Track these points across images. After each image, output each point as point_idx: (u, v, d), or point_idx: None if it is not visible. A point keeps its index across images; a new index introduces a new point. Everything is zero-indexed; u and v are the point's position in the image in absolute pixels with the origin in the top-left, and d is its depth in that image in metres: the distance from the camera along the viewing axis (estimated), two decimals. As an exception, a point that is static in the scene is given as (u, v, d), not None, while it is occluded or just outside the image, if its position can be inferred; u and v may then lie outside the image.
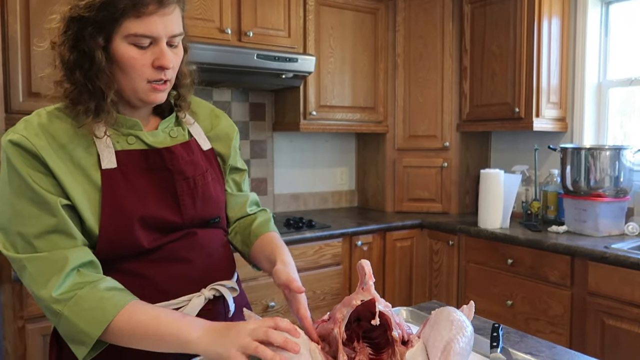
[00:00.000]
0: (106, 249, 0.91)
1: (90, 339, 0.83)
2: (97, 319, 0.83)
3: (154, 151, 0.97)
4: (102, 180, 0.91)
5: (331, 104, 2.81)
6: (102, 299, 0.84)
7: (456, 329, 0.82)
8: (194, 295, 0.99)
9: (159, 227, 0.96)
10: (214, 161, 1.09)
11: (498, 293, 2.44)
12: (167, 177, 0.97)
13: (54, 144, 0.89)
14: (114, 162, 0.93)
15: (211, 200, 1.04)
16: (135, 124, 0.98)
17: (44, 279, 0.84)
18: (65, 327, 0.84)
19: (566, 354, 1.04)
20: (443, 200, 3.05)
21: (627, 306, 1.94)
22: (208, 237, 1.04)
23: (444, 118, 3.00)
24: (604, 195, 2.31)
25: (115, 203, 0.91)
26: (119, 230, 0.91)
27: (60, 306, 0.83)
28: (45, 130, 0.90)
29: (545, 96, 2.62)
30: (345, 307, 0.85)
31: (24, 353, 1.76)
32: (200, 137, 1.07)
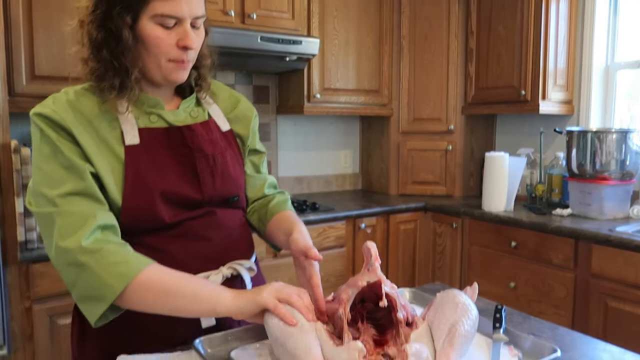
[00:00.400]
0: (129, 221, 0.94)
1: (112, 293, 0.84)
2: (122, 273, 0.84)
3: (175, 129, 1.01)
4: (126, 156, 0.94)
5: (335, 86, 2.79)
6: (128, 255, 0.87)
7: (461, 311, 0.83)
8: (211, 273, 1.02)
9: (179, 203, 0.98)
10: (233, 142, 1.11)
11: (501, 275, 2.45)
12: (188, 154, 1.00)
13: (81, 119, 0.93)
14: (137, 139, 0.96)
15: (230, 179, 1.06)
16: (157, 102, 1.01)
17: (72, 230, 0.86)
18: (88, 280, 0.85)
19: (568, 334, 1.05)
20: (447, 183, 3.04)
21: (631, 288, 1.94)
22: (227, 217, 1.06)
23: (449, 101, 2.98)
24: (609, 178, 2.29)
25: (138, 178, 0.94)
26: (141, 204, 0.94)
27: (87, 257, 0.84)
28: (72, 105, 0.94)
29: (551, 79, 2.60)
30: (350, 288, 0.85)
31: (32, 333, 1.78)
32: (219, 118, 1.10)
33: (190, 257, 1.00)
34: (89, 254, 0.85)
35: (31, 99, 1.94)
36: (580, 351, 0.97)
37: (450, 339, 0.77)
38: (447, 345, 0.77)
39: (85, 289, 0.86)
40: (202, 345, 0.93)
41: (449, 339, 0.78)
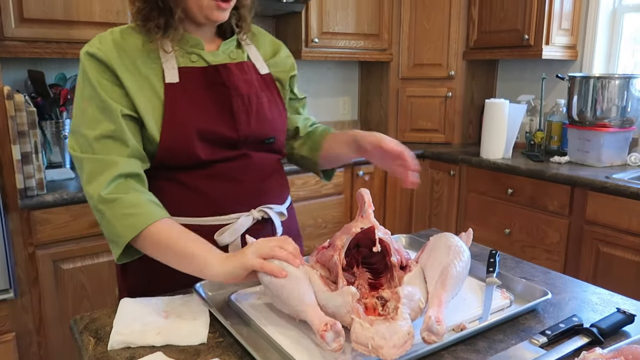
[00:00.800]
0: (165, 156, 0.99)
1: (122, 241, 0.90)
2: (131, 224, 0.90)
3: (212, 68, 1.04)
4: (165, 93, 0.98)
5: (334, 30, 2.72)
6: (140, 207, 0.91)
7: (453, 254, 0.84)
8: (242, 215, 1.05)
9: (215, 141, 1.01)
10: (272, 85, 1.13)
11: (497, 222, 2.49)
12: (224, 92, 1.03)
13: (125, 57, 0.97)
14: (177, 77, 1.00)
15: (266, 120, 1.08)
16: (198, 42, 1.04)
17: (95, 177, 0.92)
18: (106, 227, 0.93)
19: (559, 278, 1.08)
20: (446, 130, 3.03)
21: (623, 234, 1.97)
22: (262, 161, 1.09)
23: (450, 45, 2.91)
24: (609, 125, 2.28)
25: (176, 115, 0.98)
26: (178, 140, 0.98)
27: (104, 206, 0.91)
28: (117, 44, 0.98)
29: (556, 22, 2.52)
30: (345, 235, 0.87)
31: (36, 278, 1.83)
32: (257, 61, 1.12)
33: (222, 197, 1.04)
34: (106, 203, 0.91)
35: (21, 42, 1.89)
36: (570, 294, 1.00)
37: (442, 281, 0.79)
38: (439, 286, 0.78)
39: (105, 232, 0.94)
40: (202, 289, 0.96)
41: (441, 280, 0.79)
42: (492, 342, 0.81)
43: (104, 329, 0.85)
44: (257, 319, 0.85)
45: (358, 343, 0.68)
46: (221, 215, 1.04)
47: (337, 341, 0.69)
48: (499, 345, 0.80)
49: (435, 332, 0.69)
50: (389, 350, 0.66)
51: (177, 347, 0.80)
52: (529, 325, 0.87)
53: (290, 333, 0.80)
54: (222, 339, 0.82)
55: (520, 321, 0.88)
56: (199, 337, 0.82)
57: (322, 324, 0.71)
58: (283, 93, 1.17)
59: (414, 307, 0.75)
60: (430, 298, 0.77)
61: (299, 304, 0.77)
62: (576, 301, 0.97)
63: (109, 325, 0.86)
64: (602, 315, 0.88)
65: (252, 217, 1.06)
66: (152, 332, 0.82)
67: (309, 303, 0.77)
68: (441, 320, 0.70)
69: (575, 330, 0.82)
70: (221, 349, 0.79)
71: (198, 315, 0.88)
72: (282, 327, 0.82)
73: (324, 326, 0.70)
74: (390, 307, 0.76)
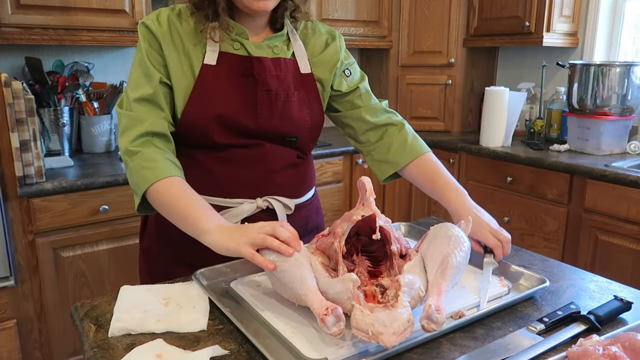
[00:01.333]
0: (183, 132, 1.05)
1: (140, 191, 0.97)
2: (145, 177, 0.96)
3: (249, 58, 1.06)
4: (200, 73, 1.03)
5: (333, 17, 2.69)
6: (156, 161, 0.97)
7: (454, 244, 0.84)
8: (247, 201, 1.08)
9: (233, 127, 1.05)
10: (310, 85, 1.13)
11: (496, 210, 2.49)
12: (253, 85, 1.05)
13: (175, 34, 1.04)
14: (215, 60, 1.04)
15: (290, 119, 1.09)
16: (242, 31, 1.06)
17: (126, 131, 1.00)
18: (129, 176, 1.00)
19: (558, 266, 1.08)
20: (446, 118, 3.02)
21: (622, 222, 1.98)
22: (277, 153, 1.10)
23: (450, 33, 2.89)
24: (609, 113, 2.27)
25: (202, 94, 1.03)
26: (198, 119, 1.03)
27: (127, 156, 0.99)
28: (171, 21, 1.05)
29: (558, 9, 2.50)
30: (345, 222, 0.87)
31: (36, 265, 1.83)
32: (302, 59, 1.12)
33: (229, 181, 1.07)
34: (130, 154, 0.98)
35: (18, 29, 1.87)
36: (568, 282, 1.00)
37: (442, 270, 0.80)
38: (439, 276, 0.79)
39: (130, 182, 1.01)
40: (202, 276, 0.96)
41: (441, 270, 0.80)
42: (490, 330, 0.82)
43: (104, 316, 0.86)
44: (256, 306, 0.85)
45: (358, 329, 0.68)
46: (226, 198, 1.07)
47: (338, 326, 0.70)
48: (497, 332, 0.81)
49: (435, 321, 0.69)
50: (388, 337, 0.67)
51: (177, 334, 0.80)
52: (526, 313, 0.87)
53: (290, 320, 0.81)
54: (222, 326, 0.83)
55: (518, 309, 0.89)
56: (198, 324, 0.82)
57: (322, 308, 0.71)
58: (323, 94, 1.17)
59: (414, 295, 0.76)
60: (430, 287, 0.78)
61: (300, 288, 0.77)
62: (574, 289, 0.97)
63: (109, 313, 0.86)
64: (600, 303, 0.89)
65: (255, 205, 1.08)
66: (152, 319, 0.82)
67: (310, 287, 0.77)
68: (441, 309, 0.70)
69: (573, 318, 0.83)
70: (221, 336, 0.80)
71: (198, 302, 0.88)
72: (281, 314, 0.83)
73: (325, 310, 0.70)
74: (390, 294, 0.76)
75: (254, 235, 0.83)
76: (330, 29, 1.22)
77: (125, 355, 0.73)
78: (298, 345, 0.73)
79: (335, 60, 1.17)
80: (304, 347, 0.73)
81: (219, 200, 1.07)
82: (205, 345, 0.77)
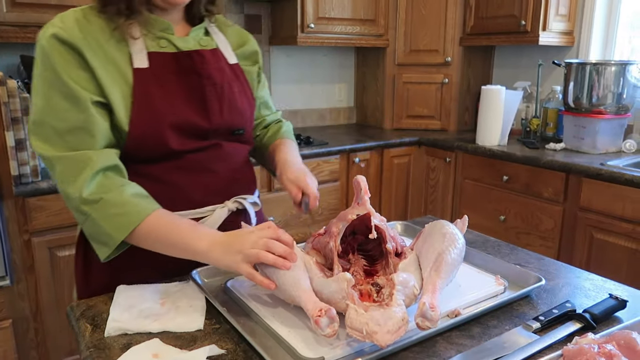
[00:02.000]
0: (134, 146, 0.93)
1: (113, 242, 0.87)
2: (121, 225, 0.86)
3: (185, 54, 0.98)
4: (134, 79, 0.92)
5: (330, 15, 2.69)
6: (127, 205, 0.87)
7: (448, 241, 0.85)
8: (217, 207, 1.03)
9: (186, 130, 0.97)
10: (241, 75, 1.09)
11: (492, 209, 2.50)
12: (197, 81, 0.98)
13: (90, 39, 0.90)
14: (146, 62, 0.94)
15: (237, 111, 1.05)
16: (167, 26, 0.98)
17: (72, 177, 0.87)
18: (91, 228, 0.88)
19: (553, 264, 1.09)
20: (442, 117, 3.02)
21: (617, 221, 1.99)
22: (233, 151, 1.06)
23: (447, 31, 2.89)
24: (604, 112, 2.28)
25: (146, 102, 0.92)
26: (149, 130, 0.92)
27: (88, 207, 0.86)
28: (80, 24, 0.90)
29: (553, 7, 2.51)
30: (341, 222, 0.87)
31: (32, 265, 1.83)
32: (226, 50, 1.08)
33: (195, 189, 1.00)
34: (90, 204, 0.86)
35: (13, 27, 1.86)
36: (564, 280, 1.01)
37: (437, 267, 0.80)
38: (433, 273, 0.79)
39: (91, 233, 0.89)
40: (199, 276, 0.96)
41: (435, 267, 0.80)
42: (486, 328, 0.82)
43: (100, 316, 0.86)
44: (253, 306, 0.85)
45: (352, 328, 0.68)
46: (195, 209, 1.00)
47: (331, 327, 0.70)
48: (493, 330, 0.81)
49: (430, 318, 0.70)
50: (383, 336, 0.67)
51: (174, 334, 0.80)
52: (522, 311, 0.87)
53: (286, 319, 0.81)
54: (219, 325, 0.83)
55: (514, 307, 0.89)
56: (195, 324, 0.82)
57: (316, 310, 0.71)
58: (252, 85, 1.13)
59: (409, 293, 0.76)
60: (425, 284, 0.78)
61: (294, 289, 0.77)
62: (569, 287, 0.97)
63: (105, 312, 0.86)
64: (595, 301, 0.89)
65: (227, 208, 1.03)
66: (148, 319, 0.82)
67: (304, 288, 0.77)
68: (435, 306, 0.70)
69: (569, 316, 0.83)
70: (217, 336, 0.80)
71: (194, 302, 0.88)
72: (277, 313, 0.83)
73: (318, 312, 0.70)
74: (385, 293, 0.76)
75: (248, 251, 0.80)
76: (241, 28, 1.19)
77: (121, 355, 0.73)
78: (294, 344, 0.74)
79: (257, 56, 1.17)
80: (300, 347, 0.73)
81: (188, 213, 0.99)
82: (201, 344, 0.77)
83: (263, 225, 0.85)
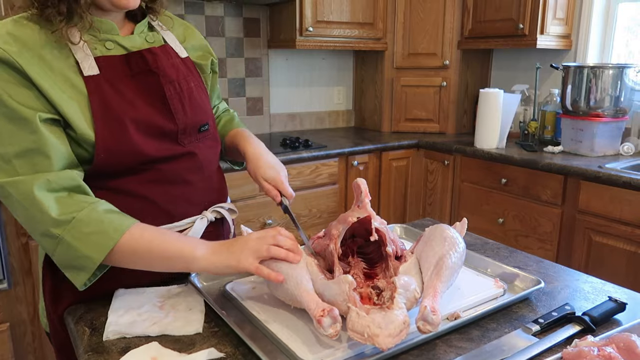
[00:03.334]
0: (106, 159, 0.86)
1: (92, 263, 0.80)
2: (99, 244, 0.79)
3: (135, 54, 0.92)
4: (87, 88, 0.85)
5: (328, 19, 2.70)
6: (102, 222, 0.80)
7: (449, 245, 0.85)
8: (196, 218, 1.00)
9: (155, 134, 0.91)
10: (194, 69, 1.04)
11: (490, 211, 2.50)
12: (153, 81, 0.93)
13: (29, 52, 0.81)
14: (96, 69, 0.87)
15: (198, 107, 1.00)
16: (111, 27, 0.92)
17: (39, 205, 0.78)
18: (65, 253, 0.80)
19: (552, 267, 1.09)
20: (440, 120, 3.03)
21: (615, 223, 1.99)
22: (207, 158, 1.03)
23: (445, 35, 2.90)
24: (602, 115, 2.29)
25: (106, 109, 0.86)
26: (117, 136, 0.86)
27: (60, 230, 0.78)
28: (14, 37, 0.81)
29: (551, 11, 2.52)
30: (341, 224, 0.87)
31: (30, 268, 1.82)
32: (175, 44, 1.02)
33: (172, 202, 0.96)
34: (62, 226, 0.78)
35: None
36: (563, 283, 1.01)
37: (438, 271, 0.80)
38: (434, 277, 0.79)
39: (65, 260, 0.81)
40: (197, 279, 0.96)
41: (436, 271, 0.80)
42: (485, 331, 0.82)
43: (99, 320, 0.85)
44: (252, 309, 0.85)
45: (354, 331, 0.68)
46: (174, 222, 0.96)
47: (334, 327, 0.70)
48: (493, 333, 0.81)
49: (431, 322, 0.70)
50: (384, 339, 0.67)
51: (173, 337, 0.80)
52: (522, 314, 0.87)
53: (286, 322, 0.81)
54: (218, 328, 0.83)
55: (514, 310, 0.89)
56: (194, 327, 0.82)
57: (319, 309, 0.71)
58: (204, 77, 1.08)
59: (410, 296, 0.76)
60: (426, 288, 0.78)
61: (297, 289, 0.77)
62: (569, 290, 0.98)
63: (104, 316, 0.86)
64: (594, 304, 0.89)
65: (206, 219, 1.00)
66: (147, 322, 0.82)
67: (306, 289, 0.77)
68: (436, 310, 0.70)
69: (568, 319, 0.83)
70: (217, 339, 0.80)
71: (193, 305, 0.88)
72: (277, 316, 0.83)
73: (321, 311, 0.70)
74: (386, 296, 0.76)
75: (257, 247, 0.81)
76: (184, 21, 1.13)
77: (120, 358, 0.73)
78: (294, 347, 0.73)
79: (206, 47, 1.11)
80: (300, 350, 0.73)
81: (170, 226, 0.95)
82: (200, 348, 0.77)
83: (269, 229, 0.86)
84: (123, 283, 0.94)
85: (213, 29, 2.70)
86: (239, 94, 2.87)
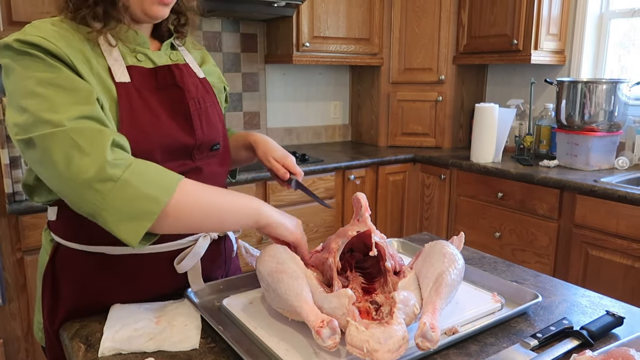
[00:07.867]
0: None
1: (157, 206, 0.75)
2: (164, 182, 0.77)
3: (163, 68, 0.95)
4: (118, 93, 0.86)
5: (325, 34, 2.73)
6: (160, 167, 0.80)
7: (448, 261, 0.84)
8: (200, 235, 0.98)
9: (174, 148, 0.92)
10: (210, 90, 1.06)
11: (487, 225, 2.50)
12: (178, 95, 0.95)
13: (73, 48, 0.82)
14: (127, 77, 0.88)
15: (213, 126, 1.02)
16: (144, 40, 0.95)
17: (91, 145, 0.74)
18: (124, 197, 0.73)
19: (550, 281, 1.09)
20: (436, 134, 3.04)
21: (611, 237, 2.00)
22: (212, 174, 1.02)
23: (440, 50, 2.93)
24: (597, 129, 2.31)
25: (131, 117, 0.86)
26: (137, 146, 0.84)
27: (118, 170, 0.74)
28: (60, 34, 0.83)
29: (545, 27, 2.55)
30: (340, 238, 0.87)
31: (24, 283, 1.81)
32: (193, 65, 1.05)
33: None
34: (120, 167, 0.74)
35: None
36: (560, 297, 1.00)
37: (437, 288, 0.79)
38: (433, 293, 0.79)
39: (122, 208, 0.74)
40: (194, 295, 0.95)
41: (435, 287, 0.80)
42: (483, 346, 0.81)
43: (94, 335, 0.84)
44: (249, 324, 0.84)
45: (353, 346, 0.68)
46: (177, 240, 0.95)
47: (333, 338, 0.69)
48: (491, 348, 0.81)
49: (430, 339, 0.69)
50: (383, 355, 0.66)
51: (169, 353, 0.79)
52: (520, 329, 0.87)
53: (283, 337, 0.80)
54: (214, 344, 0.82)
55: (512, 324, 0.89)
56: (190, 343, 0.81)
57: (318, 320, 0.70)
58: (220, 100, 1.11)
59: (409, 312, 0.75)
60: (425, 304, 0.78)
61: (296, 300, 0.77)
62: (566, 304, 0.97)
63: (99, 332, 0.85)
64: (592, 318, 0.89)
65: (209, 237, 0.99)
66: (143, 338, 0.81)
67: (306, 299, 0.76)
68: (436, 326, 0.70)
69: (566, 333, 0.83)
70: (213, 355, 0.79)
71: (190, 320, 0.87)
72: (274, 331, 0.82)
73: (320, 322, 0.70)
74: (385, 311, 0.76)
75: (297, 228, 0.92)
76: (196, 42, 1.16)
77: (115, 375, 0.72)
78: (292, 363, 0.73)
79: (218, 73, 1.14)
80: (297, 366, 0.72)
81: (172, 245, 0.94)
82: (197, 364, 0.76)
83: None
84: (119, 298, 0.94)
85: (211, 44, 2.72)
86: (236, 109, 2.88)
